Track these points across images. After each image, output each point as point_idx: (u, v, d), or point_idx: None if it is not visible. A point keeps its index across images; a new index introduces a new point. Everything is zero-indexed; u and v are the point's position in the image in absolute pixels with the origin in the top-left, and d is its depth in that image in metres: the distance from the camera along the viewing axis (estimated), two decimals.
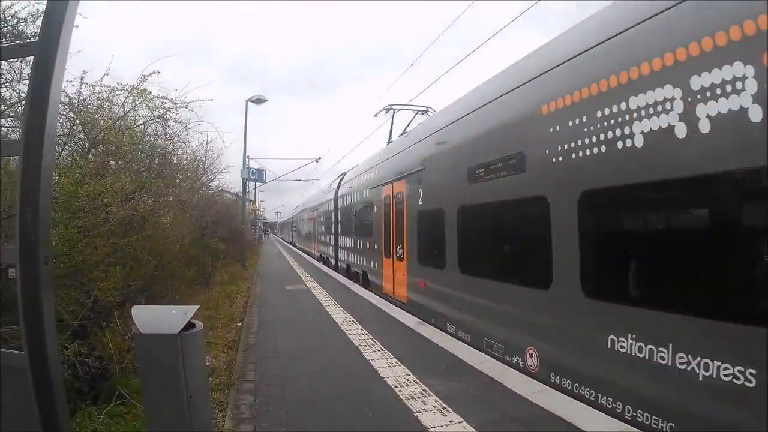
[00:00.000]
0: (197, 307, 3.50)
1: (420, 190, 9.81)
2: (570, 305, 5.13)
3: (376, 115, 16.61)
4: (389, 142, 15.40)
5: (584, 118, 4.94)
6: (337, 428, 4.42)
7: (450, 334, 8.09)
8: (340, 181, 20.97)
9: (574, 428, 4.30)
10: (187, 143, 12.37)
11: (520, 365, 6.09)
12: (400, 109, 15.81)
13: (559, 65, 5.54)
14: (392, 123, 16.01)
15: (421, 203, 9.74)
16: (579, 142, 5.03)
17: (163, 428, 3.28)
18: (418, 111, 15.15)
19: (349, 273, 18.39)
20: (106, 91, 7.77)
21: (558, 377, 5.40)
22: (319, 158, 32.15)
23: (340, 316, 10.10)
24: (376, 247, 13.75)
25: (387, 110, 15.84)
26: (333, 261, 22.44)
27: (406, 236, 10.69)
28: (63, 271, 4.81)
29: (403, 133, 13.58)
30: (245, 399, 5.18)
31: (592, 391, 4.85)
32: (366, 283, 15.05)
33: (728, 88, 3.57)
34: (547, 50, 6.21)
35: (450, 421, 4.57)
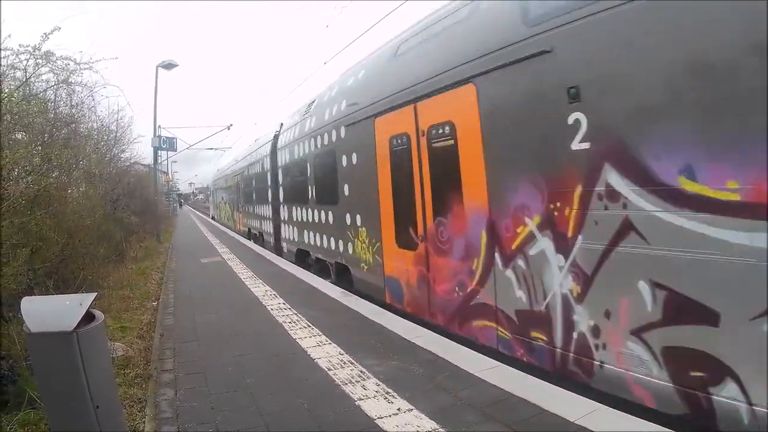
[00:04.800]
0: (95, 294, 3.11)
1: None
2: None
3: None
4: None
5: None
6: (270, 424, 4.00)
7: None
8: None
9: (540, 410, 3.95)
10: (93, 109, 11.62)
11: None
12: None
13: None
14: None
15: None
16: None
17: None
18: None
19: None
20: (10, 56, 7.08)
21: None
22: (231, 125, 31.23)
23: (260, 289, 9.88)
24: None
25: None
26: None
27: None
28: None
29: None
30: (165, 393, 4.74)
31: None
32: None
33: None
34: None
35: (398, 409, 4.14)
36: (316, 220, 11.46)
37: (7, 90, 6.90)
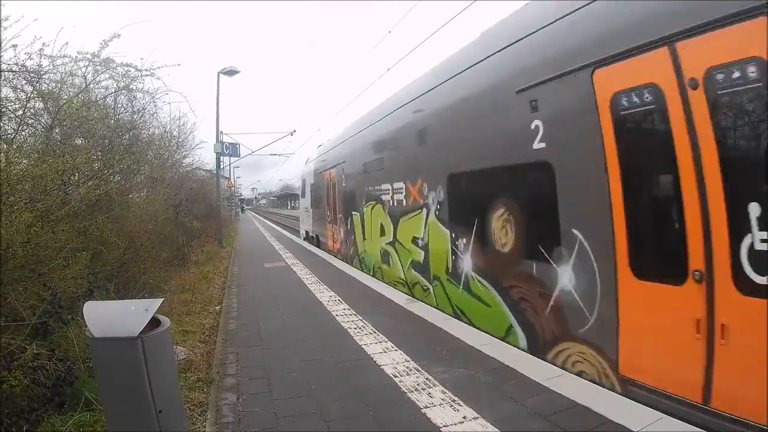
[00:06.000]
0: (161, 300, 3.02)
1: None
2: None
3: None
4: None
5: None
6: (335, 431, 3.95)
7: None
8: None
9: (605, 420, 3.86)
10: (155, 115, 11.74)
11: None
12: None
13: None
14: None
15: None
16: None
17: None
18: None
19: None
20: (68, 63, 7.10)
21: None
22: (294, 131, 31.09)
23: (324, 294, 9.71)
24: None
25: None
26: None
27: None
28: (19, 262, 4.29)
29: None
30: (227, 398, 4.67)
31: None
32: None
33: None
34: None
35: (464, 417, 4.06)
36: None
37: (66, 96, 6.92)
